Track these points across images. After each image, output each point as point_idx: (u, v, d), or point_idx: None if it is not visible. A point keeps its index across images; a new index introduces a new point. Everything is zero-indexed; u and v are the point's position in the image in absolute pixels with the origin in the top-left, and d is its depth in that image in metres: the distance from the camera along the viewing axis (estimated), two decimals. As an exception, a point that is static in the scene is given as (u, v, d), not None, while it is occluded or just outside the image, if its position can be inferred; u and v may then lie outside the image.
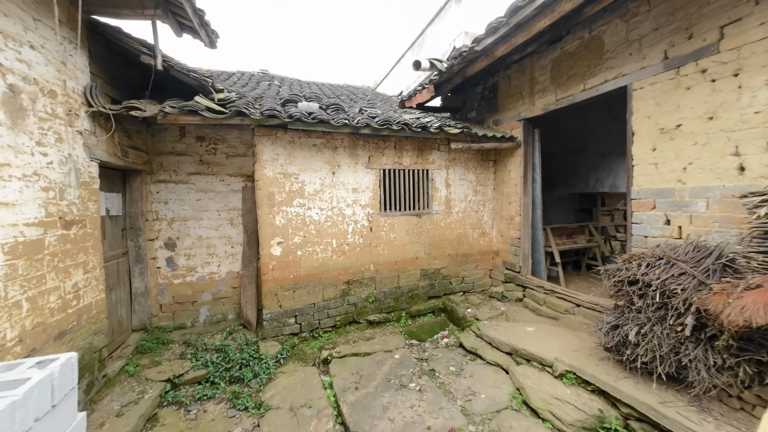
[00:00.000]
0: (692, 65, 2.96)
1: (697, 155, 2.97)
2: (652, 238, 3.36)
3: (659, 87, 3.22)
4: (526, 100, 4.91)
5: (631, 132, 3.50)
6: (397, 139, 4.83)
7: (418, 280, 5.17)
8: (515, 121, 5.13)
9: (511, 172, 5.29)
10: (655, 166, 3.30)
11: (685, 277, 2.63)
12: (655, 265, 2.82)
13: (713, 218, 2.89)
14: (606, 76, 3.73)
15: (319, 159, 4.37)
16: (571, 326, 4.05)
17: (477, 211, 5.59)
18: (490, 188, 5.69)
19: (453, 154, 5.29)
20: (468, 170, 5.46)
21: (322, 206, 4.42)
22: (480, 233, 5.63)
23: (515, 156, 5.19)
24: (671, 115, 3.14)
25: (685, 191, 3.08)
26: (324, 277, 4.49)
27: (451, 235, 5.39)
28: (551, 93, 4.48)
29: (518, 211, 5.16)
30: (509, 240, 5.37)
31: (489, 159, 5.63)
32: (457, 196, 5.40)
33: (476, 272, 5.65)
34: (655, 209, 3.32)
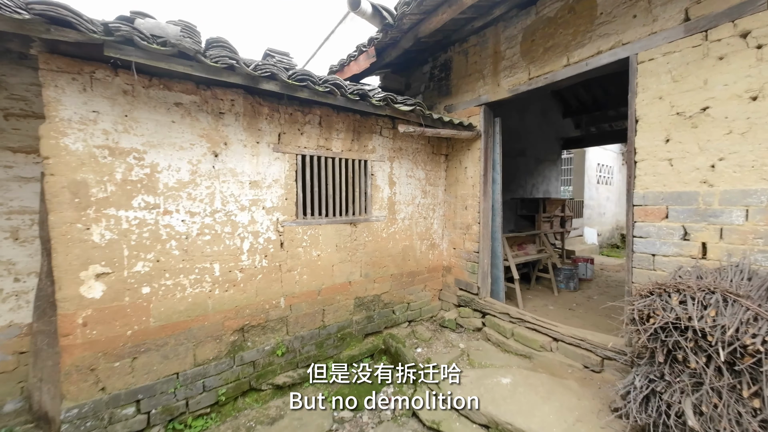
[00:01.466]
0: (728, 26, 2.22)
1: (732, 148, 2.22)
2: (662, 258, 2.56)
3: (678, 57, 2.44)
4: (489, 80, 3.94)
5: (634, 118, 2.68)
6: (324, 113, 3.34)
7: (351, 313, 3.72)
8: (474, 106, 4.12)
9: (468, 170, 4.26)
10: (669, 163, 2.51)
11: (762, 323, 1.77)
12: (706, 301, 1.93)
13: (755, 233, 2.15)
14: (599, 46, 2.89)
15: (189, 129, 2.60)
16: (555, 372, 3.10)
17: (426, 217, 4.42)
18: (440, 189, 4.59)
19: (400, 141, 4.03)
20: (416, 165, 4.26)
21: (194, 209, 2.65)
22: (429, 245, 4.47)
23: (473, 150, 4.18)
24: (695, 95, 2.37)
25: (712, 196, 2.31)
26: (197, 326, 2.70)
27: (395, 249, 4.09)
28: (522, 70, 3.56)
29: (476, 218, 4.14)
30: (464, 254, 4.32)
31: (440, 153, 4.53)
32: (403, 198, 4.14)
33: (424, 295, 4.46)
34: (668, 219, 2.52)
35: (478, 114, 4.07)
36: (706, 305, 1.92)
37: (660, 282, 2.18)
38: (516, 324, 3.72)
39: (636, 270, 2.70)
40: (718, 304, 1.87)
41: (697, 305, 1.91)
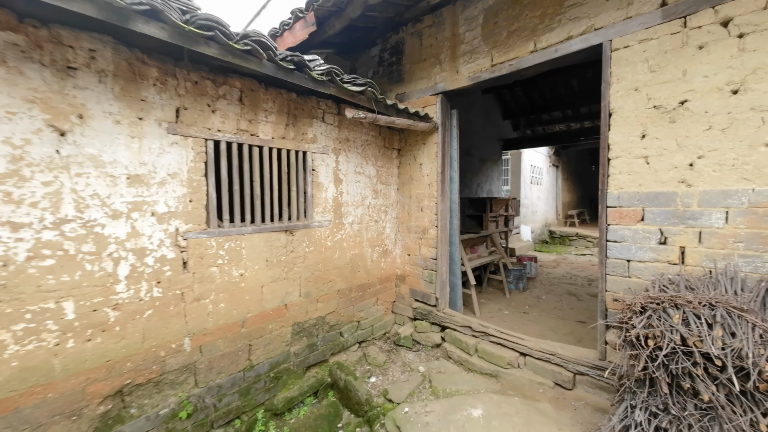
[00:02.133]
0: (708, 13, 2.05)
1: (712, 145, 2.07)
2: (638, 264, 2.36)
3: (655, 45, 2.23)
4: (446, 66, 3.51)
5: (607, 111, 2.45)
6: (246, 86, 2.52)
7: (288, 343, 2.95)
8: (430, 95, 3.66)
9: (423, 167, 3.79)
10: (645, 161, 2.31)
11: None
12: (710, 319, 1.68)
13: (736, 236, 2.01)
14: (570, 31, 2.62)
15: (4, 88, 1.60)
16: (526, 393, 2.77)
17: (377, 220, 3.84)
18: (393, 188, 4.05)
19: (347, 131, 3.37)
20: (366, 160, 3.64)
21: (18, 218, 1.64)
22: (381, 252, 3.90)
23: (429, 144, 3.72)
24: (673, 87, 2.18)
25: (691, 197, 2.15)
26: (32, 403, 1.71)
27: (343, 260, 3.43)
28: (484, 56, 3.19)
29: (433, 221, 3.70)
30: (420, 261, 3.85)
31: (392, 147, 3.99)
32: (351, 199, 3.49)
33: (376, 310, 3.88)
34: (644, 222, 2.32)
35: (435, 104, 3.62)
36: (711, 323, 1.67)
37: (653, 295, 1.91)
38: (479, 338, 3.35)
39: (611, 277, 2.48)
40: (725, 322, 1.63)
41: (702, 324, 1.65)
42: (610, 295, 2.48)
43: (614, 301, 2.42)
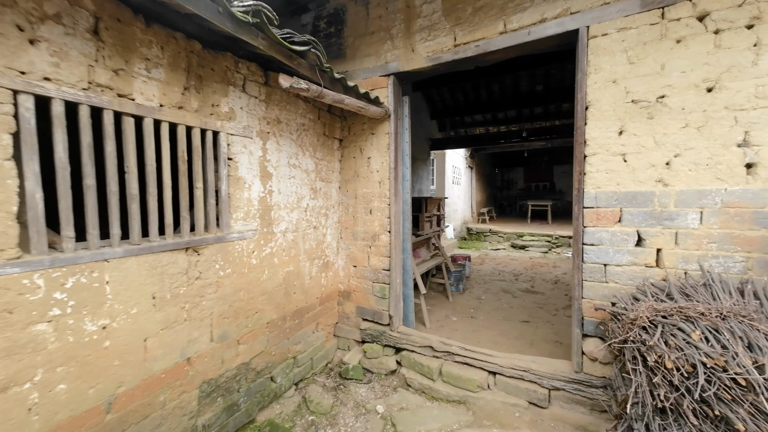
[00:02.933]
0: (686, 5, 1.97)
1: (688, 143, 2.01)
2: (615, 268, 2.22)
3: (634, 35, 2.10)
4: (400, 42, 2.97)
5: (584, 103, 2.26)
6: (106, 10, 1.50)
7: (193, 415, 1.99)
8: (379, 75, 3.08)
9: (372, 162, 3.19)
10: (622, 158, 2.17)
11: (796, 354, 1.44)
12: (728, 333, 1.52)
13: (709, 237, 1.98)
14: (544, 12, 2.36)
15: None
16: (503, 420, 2.43)
17: (317, 226, 3.07)
18: (334, 186, 3.33)
19: (278, 108, 2.52)
20: (303, 150, 2.84)
21: None
22: (322, 266, 3.15)
23: (379, 135, 3.14)
24: (652, 81, 2.07)
25: (668, 197, 2.07)
26: None
27: (274, 281, 2.58)
28: (445, 33, 2.75)
29: (385, 226, 3.13)
30: (369, 273, 3.24)
31: (333, 136, 3.26)
32: (285, 200, 2.65)
33: (316, 338, 3.12)
34: (622, 223, 2.19)
35: (386, 87, 3.05)
36: (723, 338, 1.51)
37: (658, 307, 1.71)
38: (442, 359, 2.92)
39: (588, 284, 2.30)
40: (746, 337, 1.48)
41: (729, 341, 1.47)
42: (587, 303, 2.30)
43: (596, 310, 2.24)
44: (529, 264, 7.78)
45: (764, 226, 1.86)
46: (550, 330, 3.82)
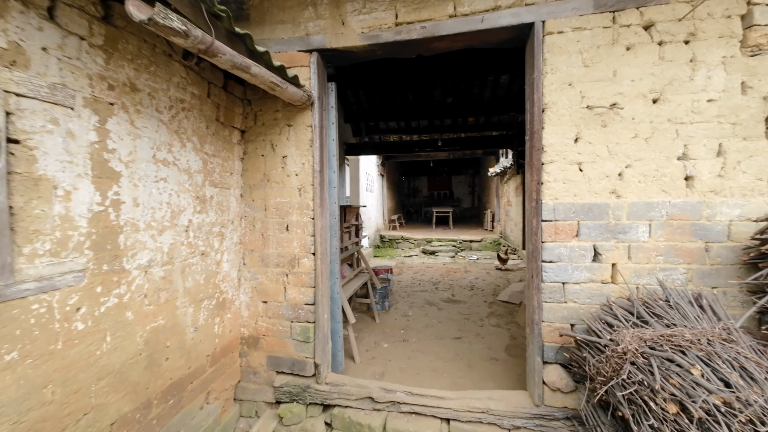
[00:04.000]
0: (634, 13, 1.91)
1: (638, 154, 1.95)
2: (573, 286, 2.04)
3: (589, 37, 1.96)
4: (326, 11, 2.31)
5: (540, 105, 2.03)
6: None
7: None
8: (298, 50, 2.34)
9: (290, 163, 2.41)
10: (578, 168, 2.01)
11: (780, 378, 1.36)
12: (723, 363, 1.38)
13: (657, 250, 1.95)
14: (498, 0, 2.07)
15: None
16: (469, 483, 1.98)
17: (206, 252, 2.12)
18: (234, 194, 2.41)
19: (134, 66, 1.54)
20: (182, 138, 1.88)
21: None
22: (215, 307, 2.19)
23: (299, 128, 2.39)
24: (605, 87, 1.96)
25: (621, 209, 1.98)
26: None
27: (125, 352, 1.56)
28: (385, 8, 2.22)
29: (308, 246, 2.39)
30: (286, 310, 2.43)
31: (231, 125, 2.36)
32: (148, 215, 1.66)
33: (205, 414, 2.13)
34: (579, 238, 2.03)
35: (307, 66, 2.34)
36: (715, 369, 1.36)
37: (646, 336, 1.51)
38: (385, 410, 2.34)
39: (547, 305, 2.07)
40: (742, 366, 1.35)
41: (730, 375, 1.31)
42: (548, 327, 2.07)
43: (560, 336, 2.01)
44: (443, 270, 7.95)
45: (701, 238, 1.90)
46: (483, 344, 3.67)
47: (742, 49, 1.82)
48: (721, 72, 1.83)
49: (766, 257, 1.72)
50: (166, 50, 1.76)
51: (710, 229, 1.89)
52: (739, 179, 1.85)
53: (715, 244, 1.88)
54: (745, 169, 1.84)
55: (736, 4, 1.80)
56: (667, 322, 1.62)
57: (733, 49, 1.82)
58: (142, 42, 1.61)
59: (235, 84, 2.37)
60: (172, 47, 1.80)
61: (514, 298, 5.23)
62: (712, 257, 1.89)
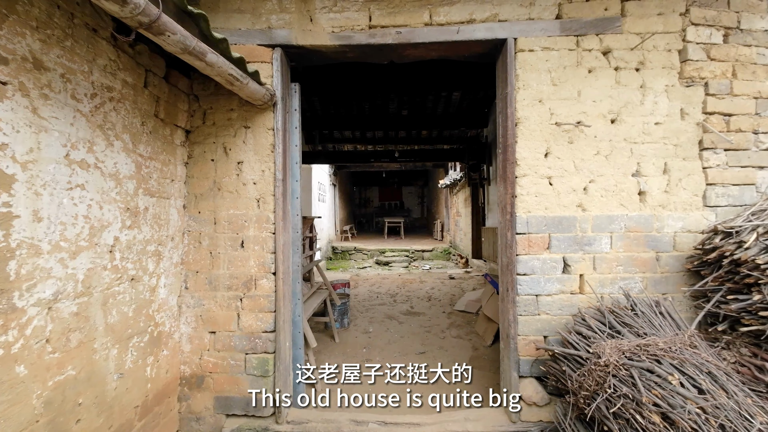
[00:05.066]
0: (594, 39, 2.04)
1: (600, 170, 2.06)
2: (546, 298, 2.07)
3: (556, 57, 2.04)
4: (291, 5, 2.09)
5: (513, 119, 2.05)
6: None
7: None
8: (258, 44, 2.08)
9: (246, 169, 2.10)
10: (549, 182, 2.06)
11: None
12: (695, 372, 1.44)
13: (617, 260, 2.07)
14: (473, 12, 2.06)
15: None
16: None
17: (137, 278, 1.70)
18: (175, 204, 2.01)
19: (40, 34, 1.16)
20: (109, 135, 1.49)
21: None
22: (147, 345, 1.77)
23: (258, 130, 2.10)
24: (571, 106, 2.05)
25: (587, 222, 2.07)
26: None
27: (15, 425, 1.13)
28: (357, 8, 2.08)
29: (267, 265, 2.09)
30: (240, 340, 2.08)
31: (173, 123, 1.98)
32: (56, 233, 1.25)
33: (135, 480, 1.69)
34: (550, 250, 2.07)
35: (269, 62, 2.09)
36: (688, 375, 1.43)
37: (623, 347, 1.54)
38: (357, 446, 2.10)
39: (522, 318, 2.06)
40: (711, 372, 1.43)
41: (703, 381, 1.37)
42: (523, 340, 2.06)
43: (536, 349, 2.01)
44: (399, 281, 7.90)
45: (653, 248, 2.06)
46: (448, 358, 3.61)
47: (680, 79, 2.05)
48: (665, 98, 2.03)
49: (706, 265, 1.91)
50: (89, 23, 1.39)
51: (660, 240, 2.06)
52: (680, 195, 2.05)
53: (664, 254, 2.06)
54: (685, 186, 2.05)
55: (674, 40, 2.03)
56: (637, 331, 1.69)
57: (673, 79, 2.04)
58: (54, 7, 1.24)
59: (180, 75, 2.01)
60: (98, 20, 1.44)
61: (470, 307, 5.33)
62: (662, 266, 2.06)
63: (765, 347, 1.61)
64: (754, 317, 1.60)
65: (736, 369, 1.57)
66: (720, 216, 2.04)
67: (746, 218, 1.78)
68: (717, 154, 2.05)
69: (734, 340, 1.72)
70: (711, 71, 2.04)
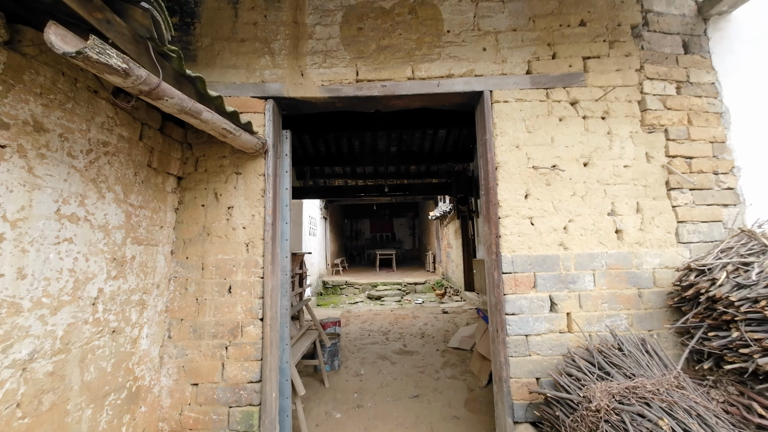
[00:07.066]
0: (562, 91, 2.24)
1: (577, 210, 2.16)
2: (536, 338, 2.07)
3: (529, 108, 2.21)
4: (283, 60, 2.26)
5: (493, 164, 2.18)
6: None
7: None
8: (252, 96, 2.21)
9: (236, 214, 2.14)
10: (530, 222, 2.15)
11: None
12: (671, 410, 1.44)
13: (602, 297, 2.11)
14: (451, 68, 2.25)
15: None
16: None
17: (118, 329, 1.66)
18: (163, 251, 2.01)
19: (43, 100, 1.22)
20: (101, 188, 1.52)
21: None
22: (124, 402, 1.68)
23: (249, 176, 2.17)
24: (546, 151, 2.19)
25: (569, 260, 2.13)
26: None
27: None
28: (345, 64, 2.26)
29: (255, 311, 2.06)
30: (224, 393, 1.99)
31: (166, 171, 2.03)
32: (38, 289, 1.23)
33: None
34: (536, 289, 2.10)
35: (262, 113, 2.21)
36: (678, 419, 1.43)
37: (612, 390, 1.54)
38: (348, 507, 1.96)
39: (514, 360, 2.04)
40: (700, 415, 1.43)
41: (691, 424, 1.37)
42: (516, 383, 2.02)
43: (530, 393, 1.97)
44: (392, 317, 7.72)
45: (634, 285, 2.12)
46: (442, 401, 3.48)
47: (642, 126, 2.23)
48: (630, 144, 2.20)
49: (686, 302, 1.97)
50: (91, 85, 1.48)
51: (640, 276, 2.12)
52: (655, 233, 2.16)
53: (646, 290, 2.11)
54: (658, 224, 2.16)
55: (634, 92, 2.24)
56: (625, 372, 1.69)
57: (636, 126, 2.22)
58: (59, 75, 1.33)
59: (174, 126, 2.10)
60: (100, 82, 1.53)
61: (464, 344, 5.22)
62: (645, 302, 2.11)
63: (750, 385, 1.63)
64: (736, 354, 1.64)
65: (725, 409, 1.57)
66: (693, 251, 2.13)
67: (716, 255, 1.87)
68: (684, 193, 2.19)
69: (721, 378, 1.74)
70: (669, 119, 2.24)
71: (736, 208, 2.19)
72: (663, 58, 2.28)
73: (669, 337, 2.07)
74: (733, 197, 2.20)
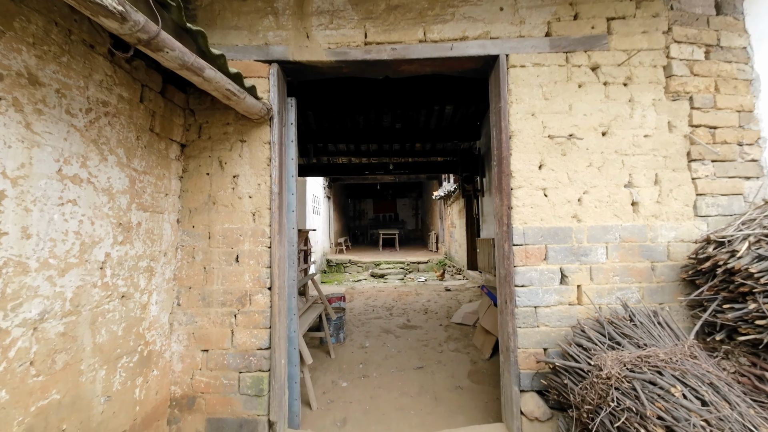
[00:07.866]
0: (583, 55, 2.11)
1: (593, 181, 2.09)
2: (545, 309, 2.06)
3: (547, 73, 2.10)
4: (288, 21, 2.13)
5: (507, 133, 2.09)
6: None
7: None
8: (255, 59, 2.10)
9: (241, 183, 2.09)
10: (543, 193, 2.09)
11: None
12: (696, 381, 1.44)
13: (614, 270, 2.08)
14: (465, 30, 2.12)
15: None
16: None
17: (128, 295, 1.66)
18: (169, 219, 1.98)
19: (36, 50, 1.15)
20: (103, 150, 1.47)
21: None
22: (136, 365, 1.70)
23: (254, 144, 2.10)
24: (563, 119, 2.09)
25: (582, 233, 2.09)
26: None
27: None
28: (354, 26, 2.13)
29: (263, 279, 2.05)
30: (234, 358, 2.02)
31: (168, 137, 1.97)
32: (44, 249, 1.21)
33: None
34: (547, 261, 2.07)
35: (266, 77, 2.11)
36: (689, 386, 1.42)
37: (624, 359, 1.53)
38: (356, 468, 2.02)
39: (522, 331, 2.04)
40: (713, 383, 1.42)
41: (705, 392, 1.36)
42: (523, 353, 2.03)
43: (537, 362, 1.98)
44: (395, 294, 7.82)
45: (647, 258, 2.08)
46: (446, 373, 3.56)
47: (666, 94, 2.11)
48: (652, 112, 2.09)
49: (701, 275, 1.93)
50: (86, 39, 1.39)
51: (654, 249, 2.08)
52: (672, 205, 2.09)
53: (659, 264, 2.08)
54: (676, 196, 2.09)
55: (659, 57, 2.11)
56: (637, 342, 1.68)
57: (660, 94, 2.11)
58: (51, 24, 1.25)
59: (176, 90, 2.02)
60: (96, 36, 1.44)
61: (467, 320, 5.29)
62: (657, 276, 2.07)
63: (763, 356, 1.61)
64: (751, 326, 1.61)
65: (737, 379, 1.57)
66: (711, 226, 2.07)
67: (737, 227, 1.81)
68: (705, 165, 2.11)
69: (733, 350, 1.72)
70: (695, 86, 2.12)
71: (759, 180, 2.11)
72: (693, 20, 2.13)
73: (680, 311, 2.05)
74: (757, 170, 2.12)
